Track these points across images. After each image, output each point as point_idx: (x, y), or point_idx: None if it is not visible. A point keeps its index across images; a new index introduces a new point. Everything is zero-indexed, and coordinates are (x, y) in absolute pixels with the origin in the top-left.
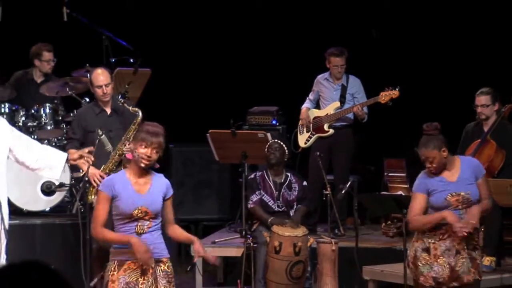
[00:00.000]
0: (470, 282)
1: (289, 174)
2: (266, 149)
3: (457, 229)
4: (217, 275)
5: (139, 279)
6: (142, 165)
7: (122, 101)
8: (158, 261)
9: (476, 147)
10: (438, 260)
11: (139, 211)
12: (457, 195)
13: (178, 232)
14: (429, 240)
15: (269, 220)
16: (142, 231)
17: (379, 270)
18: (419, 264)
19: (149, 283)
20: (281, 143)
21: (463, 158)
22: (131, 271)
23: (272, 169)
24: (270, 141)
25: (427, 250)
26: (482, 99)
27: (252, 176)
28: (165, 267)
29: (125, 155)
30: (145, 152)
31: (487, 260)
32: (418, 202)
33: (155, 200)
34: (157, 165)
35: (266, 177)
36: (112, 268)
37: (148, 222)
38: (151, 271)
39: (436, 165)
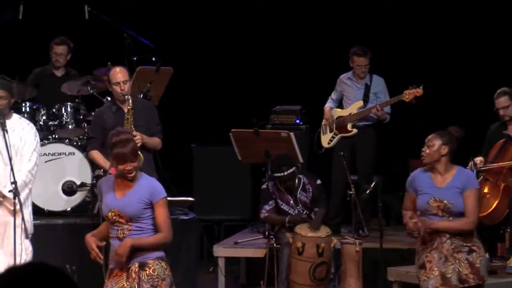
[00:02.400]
0: None
1: (301, 177)
2: (280, 181)
3: (409, 224)
4: (240, 276)
5: (124, 285)
6: (130, 178)
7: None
8: (142, 265)
9: (501, 146)
10: (433, 271)
11: (113, 214)
12: (440, 202)
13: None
14: (423, 255)
15: (286, 220)
16: (123, 235)
17: (404, 272)
18: (420, 282)
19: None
20: (289, 171)
21: (460, 169)
22: (118, 277)
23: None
24: (279, 175)
25: (423, 266)
26: (501, 101)
27: (264, 186)
28: (150, 271)
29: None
30: (123, 167)
31: None
32: (408, 199)
33: (129, 204)
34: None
35: (279, 186)
36: (107, 275)
37: (127, 226)
38: (133, 276)
39: (430, 152)
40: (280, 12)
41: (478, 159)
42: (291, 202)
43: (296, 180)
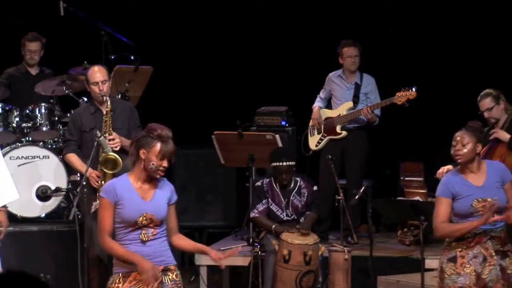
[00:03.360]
0: None
1: (298, 179)
2: (273, 169)
3: (486, 211)
4: (223, 285)
5: None
6: (158, 176)
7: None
8: (165, 270)
9: (489, 147)
10: (465, 269)
11: (144, 219)
12: (484, 201)
13: (184, 242)
14: (457, 249)
15: (273, 226)
16: (147, 239)
17: (395, 281)
18: (445, 276)
19: None
20: (288, 163)
21: (489, 162)
22: (137, 282)
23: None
24: (276, 164)
25: (453, 259)
26: (485, 103)
27: (259, 183)
28: (173, 276)
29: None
30: (162, 163)
31: None
32: (444, 207)
33: (160, 207)
34: None
35: (274, 185)
36: (117, 280)
37: (152, 230)
38: (159, 280)
39: (467, 151)
40: (265, 11)
41: (446, 168)
42: (283, 204)
43: (292, 182)
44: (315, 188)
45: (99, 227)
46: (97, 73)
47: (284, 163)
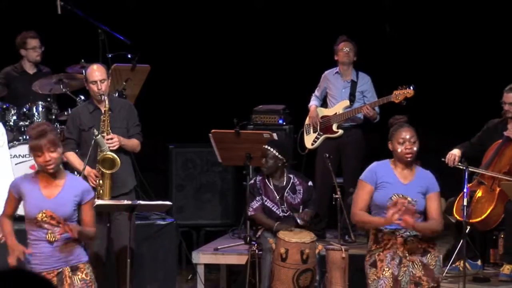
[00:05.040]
0: None
1: (291, 176)
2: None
3: (392, 215)
4: (220, 284)
5: None
6: (50, 171)
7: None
8: (75, 269)
9: (497, 149)
10: (384, 272)
11: (44, 215)
12: (404, 198)
13: None
14: (375, 254)
15: (274, 226)
16: (53, 239)
17: None
18: (369, 282)
19: None
20: (273, 150)
21: (420, 168)
22: None
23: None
24: (262, 149)
25: (374, 264)
26: (510, 96)
27: (252, 181)
28: (83, 275)
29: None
30: (42, 159)
31: (507, 269)
32: (364, 193)
33: (63, 204)
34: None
35: (267, 182)
36: None
37: (58, 228)
38: (68, 281)
39: (416, 149)
40: (262, 9)
41: (454, 155)
42: (277, 200)
43: (285, 179)
44: (310, 183)
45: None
46: (96, 71)
47: (273, 151)
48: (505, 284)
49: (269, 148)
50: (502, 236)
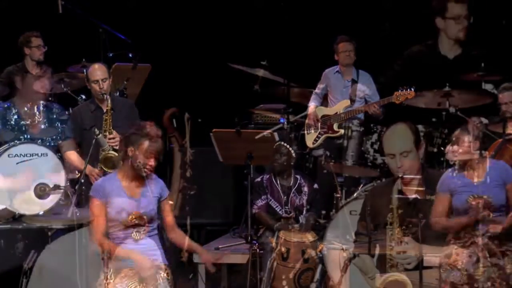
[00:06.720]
0: None
1: (298, 177)
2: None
3: (479, 216)
4: (221, 283)
5: (138, 287)
6: (144, 174)
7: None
8: (157, 268)
9: (498, 146)
10: (457, 265)
11: (133, 217)
12: (479, 198)
13: (181, 239)
14: (454, 247)
15: (276, 225)
16: (139, 238)
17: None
18: (441, 271)
19: None
20: (288, 146)
21: (492, 161)
22: (128, 278)
23: (279, 174)
24: (276, 145)
25: (449, 256)
26: (505, 95)
27: (259, 179)
28: (165, 274)
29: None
30: (149, 162)
31: None
32: (440, 202)
33: (149, 204)
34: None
35: (274, 181)
36: (108, 276)
37: (144, 227)
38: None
39: (462, 151)
40: (262, 8)
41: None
42: (283, 201)
43: (292, 179)
44: (315, 186)
45: (93, 227)
46: (98, 71)
47: (288, 147)
48: None
49: (284, 144)
50: None
